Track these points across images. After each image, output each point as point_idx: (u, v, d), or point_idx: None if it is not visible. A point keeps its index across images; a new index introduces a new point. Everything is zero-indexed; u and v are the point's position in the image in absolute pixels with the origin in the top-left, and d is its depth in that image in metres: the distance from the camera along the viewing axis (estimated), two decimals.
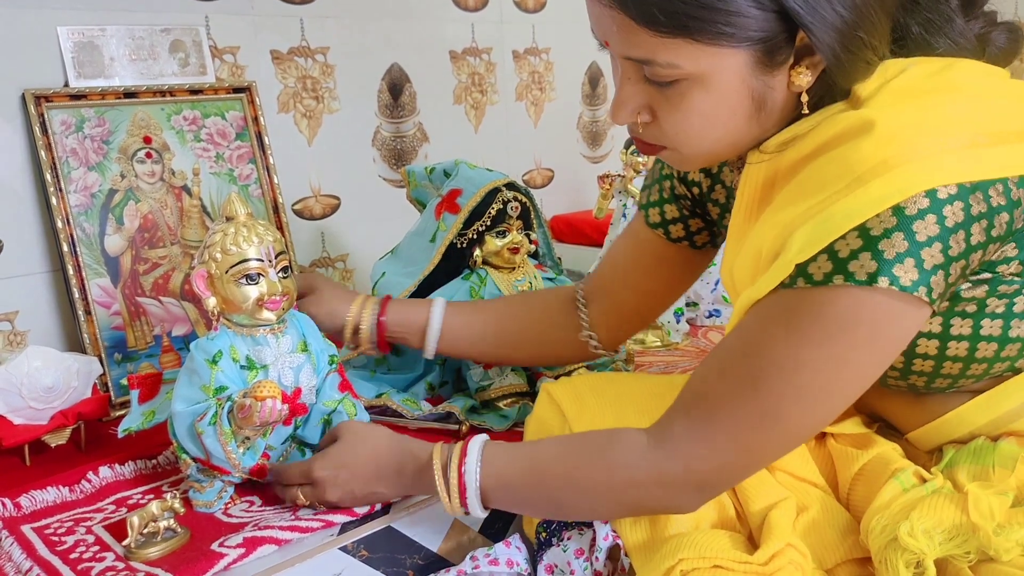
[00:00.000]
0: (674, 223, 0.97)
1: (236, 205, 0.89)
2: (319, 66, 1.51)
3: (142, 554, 0.80)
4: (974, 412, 0.77)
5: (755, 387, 0.70)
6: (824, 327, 0.67)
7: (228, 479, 0.91)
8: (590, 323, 1.04)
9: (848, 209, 0.65)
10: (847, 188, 0.65)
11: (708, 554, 0.72)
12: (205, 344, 0.89)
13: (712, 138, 0.74)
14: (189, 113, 1.31)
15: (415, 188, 1.25)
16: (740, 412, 0.71)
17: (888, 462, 0.79)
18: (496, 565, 0.86)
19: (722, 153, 0.77)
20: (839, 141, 0.68)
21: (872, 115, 0.67)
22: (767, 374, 0.69)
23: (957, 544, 0.69)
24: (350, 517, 0.87)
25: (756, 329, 0.71)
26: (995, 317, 0.72)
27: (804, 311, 0.67)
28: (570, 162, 2.01)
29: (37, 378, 0.99)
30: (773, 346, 0.69)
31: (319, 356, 0.96)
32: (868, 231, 0.64)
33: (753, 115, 0.72)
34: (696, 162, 0.79)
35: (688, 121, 0.72)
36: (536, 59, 1.88)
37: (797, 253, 0.67)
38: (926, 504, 0.72)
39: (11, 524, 0.88)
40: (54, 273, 1.24)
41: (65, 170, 1.19)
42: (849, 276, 0.65)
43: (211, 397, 0.87)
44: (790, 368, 0.68)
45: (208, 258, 0.88)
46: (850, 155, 0.66)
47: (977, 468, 0.75)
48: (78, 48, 1.24)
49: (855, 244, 0.65)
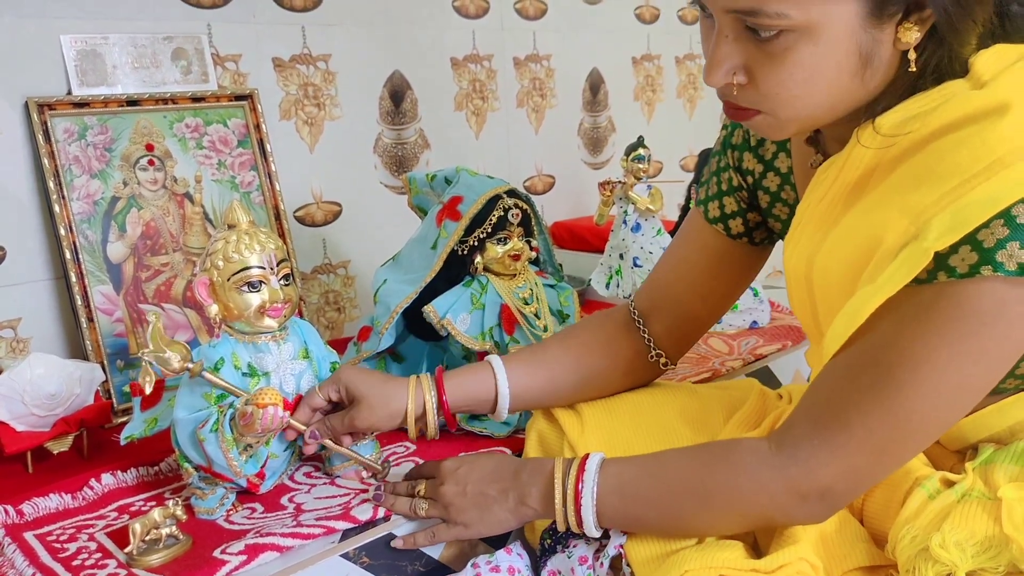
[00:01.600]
0: (733, 217, 0.95)
1: (238, 213, 0.90)
2: (321, 73, 1.52)
3: (144, 561, 0.80)
4: (1017, 407, 0.75)
5: (886, 388, 0.67)
6: (965, 323, 0.64)
7: (230, 486, 0.91)
8: (655, 341, 1.00)
9: (991, 194, 0.62)
10: (987, 171, 0.62)
11: (714, 563, 0.71)
12: (207, 351, 0.89)
13: (814, 97, 0.70)
14: (191, 121, 1.31)
15: (416, 195, 1.25)
16: (869, 414, 0.68)
17: (909, 471, 0.77)
18: (498, 572, 0.86)
19: (820, 117, 0.72)
20: (969, 121, 0.65)
21: (1006, 96, 0.64)
22: (899, 374, 0.67)
23: (990, 557, 0.68)
24: (352, 524, 0.87)
25: (887, 328, 0.68)
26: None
27: (943, 307, 0.65)
28: (571, 169, 2.01)
29: (40, 385, 1.00)
30: (907, 345, 0.66)
31: (321, 363, 0.96)
32: (1014, 218, 0.62)
33: (858, 72, 0.68)
34: (790, 127, 0.74)
35: (791, 78, 0.68)
36: (537, 66, 1.89)
37: (936, 240, 0.63)
38: (958, 513, 0.71)
39: (13, 531, 0.88)
40: (57, 280, 1.24)
41: (68, 178, 1.20)
42: (998, 267, 0.62)
43: (213, 404, 0.87)
44: (926, 368, 0.66)
45: (210, 265, 0.88)
46: (988, 136, 0.63)
47: (1017, 469, 0.73)
48: (81, 56, 1.24)
49: (1001, 233, 0.62)
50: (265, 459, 0.90)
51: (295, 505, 0.92)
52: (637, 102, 2.15)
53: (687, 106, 2.30)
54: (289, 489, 0.96)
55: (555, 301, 1.20)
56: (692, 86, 2.29)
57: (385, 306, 1.14)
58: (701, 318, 1.00)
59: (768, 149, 0.92)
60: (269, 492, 0.95)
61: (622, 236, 1.41)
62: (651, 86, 2.18)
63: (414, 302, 1.13)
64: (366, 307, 1.60)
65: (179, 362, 0.84)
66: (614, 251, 1.44)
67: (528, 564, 0.89)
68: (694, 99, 2.31)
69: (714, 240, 0.97)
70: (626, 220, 1.41)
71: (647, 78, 2.17)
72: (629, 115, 2.13)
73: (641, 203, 1.37)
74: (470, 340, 1.11)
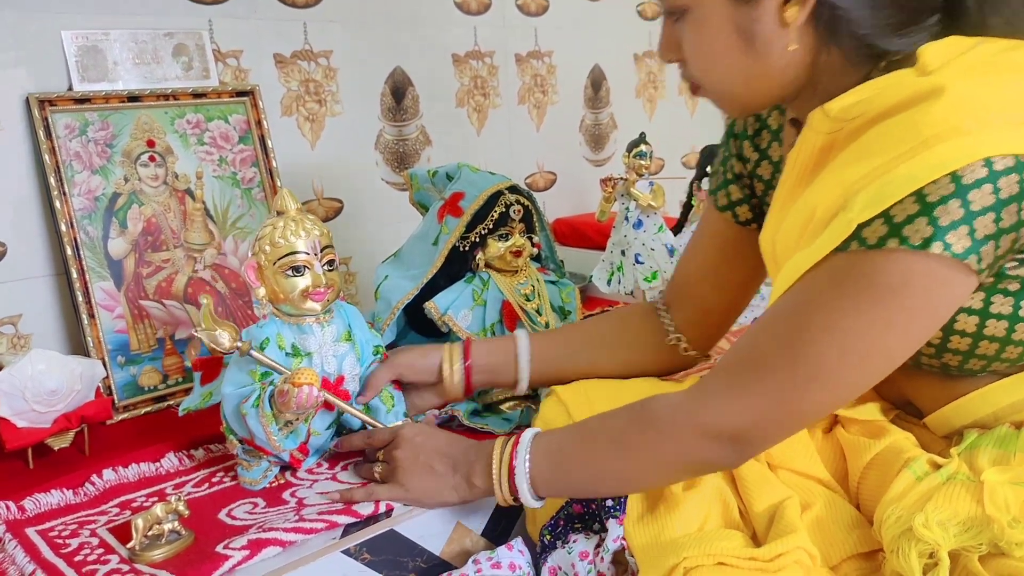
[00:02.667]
0: (739, 204, 0.98)
1: (287, 200, 0.94)
2: (322, 69, 1.51)
3: (147, 556, 0.80)
4: (999, 393, 0.77)
5: (799, 348, 0.70)
6: (874, 291, 0.67)
7: (273, 459, 0.95)
8: (676, 327, 1.03)
9: (909, 173, 0.65)
10: (911, 151, 0.66)
11: (712, 551, 0.72)
12: (254, 331, 0.93)
13: (720, 72, 0.78)
14: (192, 117, 1.31)
15: (418, 191, 1.25)
16: (782, 371, 0.71)
17: (900, 451, 0.79)
18: (499, 568, 0.86)
19: (741, 93, 0.80)
20: (907, 104, 0.68)
21: (942, 81, 0.67)
22: (812, 336, 0.70)
23: (972, 536, 0.69)
24: (354, 518, 0.87)
25: (805, 293, 0.71)
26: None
27: (855, 275, 0.68)
28: (572, 165, 2.01)
29: (40, 381, 0.99)
30: (820, 309, 0.70)
31: (363, 346, 1.00)
32: (925, 197, 0.65)
33: (746, 49, 0.75)
34: (731, 103, 0.83)
35: (696, 55, 0.79)
36: (538, 62, 1.89)
37: (859, 213, 0.67)
38: (942, 495, 0.72)
39: (15, 527, 0.88)
40: (58, 276, 1.24)
41: (69, 174, 1.19)
42: (904, 240, 0.65)
43: (257, 381, 0.91)
44: (837, 331, 0.69)
45: (258, 250, 0.93)
46: (919, 118, 0.67)
47: (999, 453, 0.75)
48: (82, 52, 1.24)
49: (912, 209, 0.65)
50: (306, 436, 0.93)
51: (297, 500, 0.92)
52: (639, 99, 2.15)
53: (689, 103, 2.29)
54: (291, 484, 0.96)
55: (557, 297, 1.20)
56: None
57: (386, 302, 1.14)
58: (720, 308, 1.03)
59: (764, 138, 0.95)
60: (271, 487, 0.95)
61: (624, 233, 1.41)
62: (653, 83, 2.18)
63: (415, 298, 1.14)
64: (368, 303, 1.60)
65: (229, 341, 0.89)
66: (616, 248, 1.44)
67: (529, 560, 0.89)
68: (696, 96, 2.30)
69: (725, 228, 0.99)
70: (628, 217, 1.40)
71: (649, 75, 2.16)
72: (631, 112, 2.12)
73: (643, 200, 1.37)
74: (471, 336, 1.10)
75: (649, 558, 0.76)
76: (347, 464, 1.00)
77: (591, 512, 0.85)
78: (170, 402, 1.20)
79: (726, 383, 0.75)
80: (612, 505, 0.82)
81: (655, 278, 1.38)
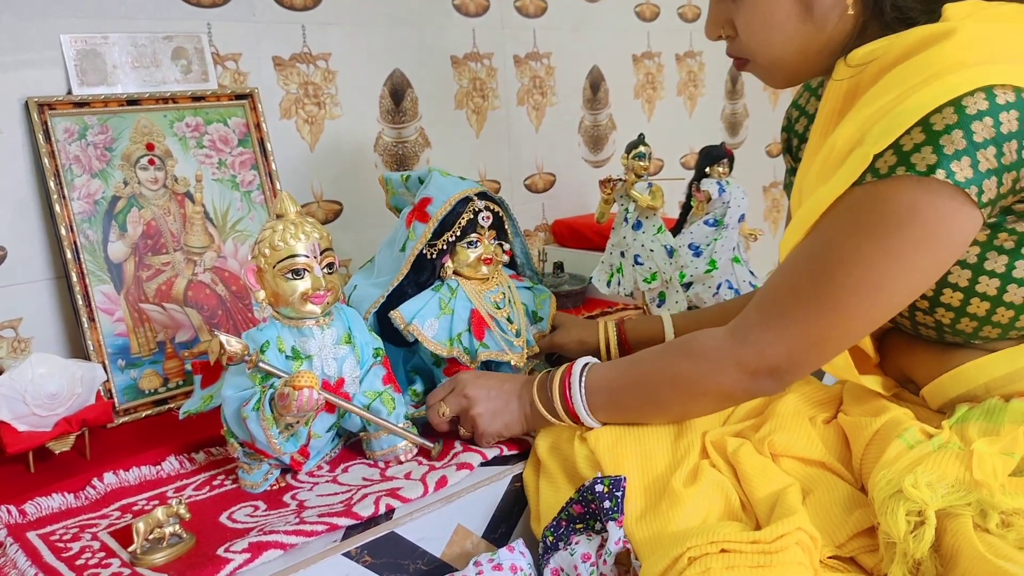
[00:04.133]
0: (791, 173, 1.03)
1: (287, 203, 0.94)
2: (321, 72, 1.51)
3: (148, 560, 0.81)
4: (992, 364, 0.80)
5: (819, 281, 0.76)
6: (885, 220, 0.71)
7: (274, 462, 0.95)
8: None
9: (916, 103, 0.69)
10: (921, 84, 0.70)
11: (716, 538, 0.73)
12: (254, 334, 0.94)
13: (776, 42, 0.84)
14: (191, 120, 1.31)
15: (393, 196, 1.22)
16: (806, 304, 0.77)
17: (898, 423, 0.82)
18: (500, 570, 0.86)
19: (793, 62, 0.85)
20: (921, 46, 0.73)
21: (955, 25, 0.72)
22: (831, 269, 0.75)
23: (959, 496, 0.71)
24: (354, 520, 0.87)
25: (825, 229, 0.76)
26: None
27: (868, 206, 0.72)
28: (572, 166, 2.01)
29: (41, 385, 1.00)
30: (838, 242, 0.74)
31: (363, 349, 1.00)
32: (931, 126, 0.69)
33: (805, 17, 0.81)
34: (777, 74, 0.88)
35: (753, 26, 0.84)
36: (537, 64, 1.89)
37: (872, 145, 0.71)
38: (931, 460, 0.75)
39: (16, 531, 0.88)
40: (57, 280, 1.24)
41: (68, 177, 1.20)
42: (910, 167, 0.69)
43: (257, 384, 0.91)
44: (851, 262, 0.73)
45: (258, 253, 0.93)
46: (930, 56, 0.72)
47: (988, 425, 0.77)
48: (81, 56, 1.24)
49: (919, 138, 0.69)
50: (307, 439, 0.93)
51: (297, 502, 0.92)
52: (637, 100, 2.15)
53: (688, 104, 2.30)
54: (292, 487, 0.96)
55: (532, 303, 1.19)
56: (692, 84, 2.29)
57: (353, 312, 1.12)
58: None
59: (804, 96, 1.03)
60: (271, 490, 0.95)
61: (623, 234, 1.41)
62: (651, 84, 2.18)
63: (382, 306, 1.10)
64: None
65: (241, 349, 0.89)
66: (615, 249, 1.44)
67: (531, 562, 0.89)
68: (695, 97, 2.31)
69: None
70: (627, 218, 1.40)
71: (647, 76, 2.16)
72: (630, 113, 2.13)
73: (642, 201, 1.36)
74: (437, 346, 1.08)
75: (652, 550, 0.77)
76: (348, 467, 1.00)
77: (591, 512, 0.85)
78: (171, 405, 1.20)
79: (760, 319, 0.81)
80: (610, 507, 0.82)
81: (654, 279, 1.38)
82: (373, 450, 1.00)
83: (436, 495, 0.93)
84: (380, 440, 1.00)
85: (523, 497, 0.99)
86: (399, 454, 1.00)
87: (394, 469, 0.99)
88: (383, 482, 0.95)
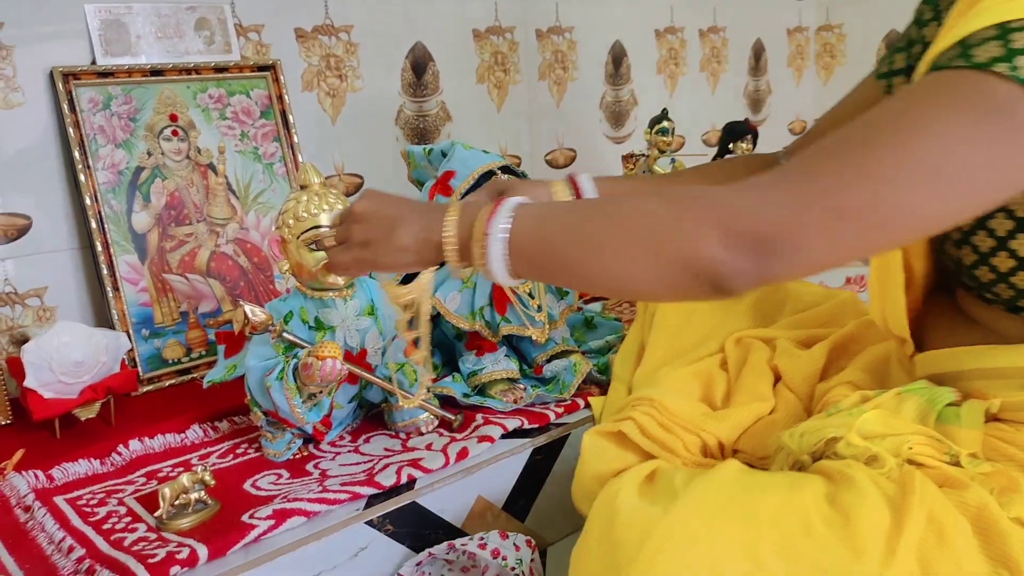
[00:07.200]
0: (897, 74, 0.91)
1: (311, 174, 0.95)
2: (343, 44, 1.51)
3: (174, 525, 0.82)
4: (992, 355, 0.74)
5: (871, 142, 0.62)
6: (953, 101, 0.61)
7: (296, 432, 0.96)
8: None
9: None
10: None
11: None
12: (278, 305, 0.95)
13: None
14: (214, 91, 1.31)
15: (415, 169, 1.22)
16: (842, 161, 0.62)
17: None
18: (483, 549, 0.86)
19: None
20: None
21: None
22: (883, 135, 0.62)
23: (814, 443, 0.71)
24: (377, 490, 0.88)
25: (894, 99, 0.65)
26: None
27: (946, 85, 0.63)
28: (592, 142, 2.00)
29: (66, 353, 1.01)
30: (897, 109, 0.63)
31: (386, 321, 1.01)
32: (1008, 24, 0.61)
33: None
34: None
35: None
36: (559, 38, 1.87)
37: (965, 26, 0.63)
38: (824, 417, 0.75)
39: (43, 495, 0.90)
40: (82, 250, 1.25)
41: (93, 147, 1.20)
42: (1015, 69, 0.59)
43: (281, 354, 0.92)
44: (903, 132, 0.61)
45: (282, 223, 0.94)
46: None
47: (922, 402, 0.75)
48: (105, 26, 1.24)
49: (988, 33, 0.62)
50: (329, 409, 0.94)
51: (320, 471, 0.93)
52: (660, 75, 2.13)
53: (710, 80, 2.27)
54: (314, 456, 0.97)
55: None
56: (715, 59, 2.27)
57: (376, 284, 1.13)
58: None
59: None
60: (294, 459, 0.96)
61: None
62: (674, 59, 2.16)
63: (403, 280, 1.09)
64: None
65: (266, 319, 0.90)
66: None
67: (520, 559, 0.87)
68: (717, 73, 2.28)
69: (874, 96, 0.93)
70: None
71: (670, 51, 2.14)
72: (652, 88, 2.11)
73: None
74: (459, 319, 1.09)
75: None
76: (369, 437, 1.01)
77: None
78: (194, 375, 1.22)
79: (773, 179, 0.64)
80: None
81: None
82: (395, 421, 1.01)
83: (457, 466, 0.93)
84: (401, 412, 1.00)
85: (543, 469, 1.00)
86: (420, 425, 1.01)
87: (415, 440, 0.99)
88: (404, 452, 0.96)
